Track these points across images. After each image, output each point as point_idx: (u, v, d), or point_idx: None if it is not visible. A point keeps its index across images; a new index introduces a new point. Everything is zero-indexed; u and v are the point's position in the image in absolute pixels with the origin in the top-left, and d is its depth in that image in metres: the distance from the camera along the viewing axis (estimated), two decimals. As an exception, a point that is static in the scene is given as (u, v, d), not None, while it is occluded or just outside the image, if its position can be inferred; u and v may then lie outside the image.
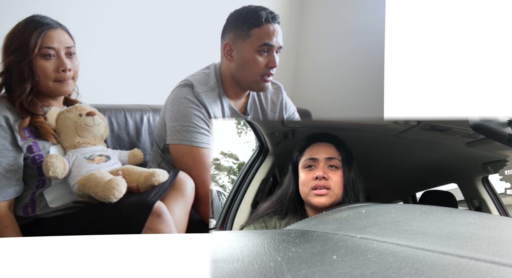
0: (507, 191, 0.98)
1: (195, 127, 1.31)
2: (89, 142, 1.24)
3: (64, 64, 1.21)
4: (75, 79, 1.27)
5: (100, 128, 1.26)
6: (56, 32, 1.22)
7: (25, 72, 1.19)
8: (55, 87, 1.23)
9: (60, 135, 1.23)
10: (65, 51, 1.23)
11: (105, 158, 1.24)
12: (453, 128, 1.02)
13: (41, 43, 1.19)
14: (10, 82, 1.22)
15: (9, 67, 1.21)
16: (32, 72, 1.20)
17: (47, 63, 1.20)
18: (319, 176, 0.97)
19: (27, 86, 1.20)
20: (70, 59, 1.23)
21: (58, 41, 1.22)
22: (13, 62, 1.20)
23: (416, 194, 1.23)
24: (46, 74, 1.20)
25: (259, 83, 1.36)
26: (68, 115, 1.24)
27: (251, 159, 1.19)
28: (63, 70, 1.21)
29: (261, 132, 1.16)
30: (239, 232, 0.88)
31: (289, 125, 1.24)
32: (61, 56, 1.22)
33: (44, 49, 1.20)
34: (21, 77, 1.20)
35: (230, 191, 1.15)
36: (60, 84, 1.23)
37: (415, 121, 1.02)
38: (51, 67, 1.21)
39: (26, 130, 1.19)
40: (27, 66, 1.19)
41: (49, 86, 1.22)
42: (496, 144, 0.97)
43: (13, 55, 1.20)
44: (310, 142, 1.03)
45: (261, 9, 1.34)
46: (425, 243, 0.48)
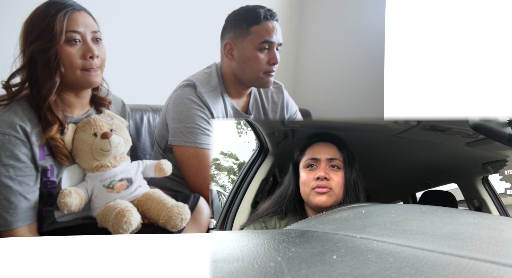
0: (507, 191, 0.98)
1: (199, 129, 1.31)
2: (108, 164, 1.11)
3: (91, 50, 1.06)
4: (102, 69, 1.11)
5: (118, 149, 1.11)
6: (81, 14, 1.07)
7: (52, 62, 1.03)
8: (83, 78, 1.07)
9: (76, 157, 1.10)
10: (91, 36, 1.07)
11: (126, 182, 1.12)
12: (453, 128, 1.02)
13: (66, 27, 1.03)
14: (35, 77, 1.05)
15: (32, 58, 1.04)
16: (58, 62, 1.03)
17: (73, 50, 1.04)
18: (320, 176, 0.97)
19: (57, 80, 1.04)
20: (96, 45, 1.08)
21: (84, 24, 1.06)
22: (37, 51, 1.03)
23: (416, 194, 1.23)
24: (72, 62, 1.04)
25: (263, 79, 1.37)
26: (82, 136, 1.09)
27: (251, 159, 1.19)
28: (90, 57, 1.06)
29: (261, 132, 1.16)
30: (239, 232, 0.88)
31: (289, 125, 1.25)
32: (87, 41, 1.06)
33: (69, 33, 1.04)
34: (48, 69, 1.03)
35: (230, 191, 1.15)
36: (87, 74, 1.07)
37: (415, 121, 1.02)
38: (77, 54, 1.05)
39: (45, 147, 1.05)
40: (54, 55, 1.02)
41: (76, 76, 1.06)
42: (496, 143, 0.97)
43: (36, 43, 1.03)
44: (311, 142, 1.03)
45: (259, 7, 1.35)
46: (425, 243, 0.48)
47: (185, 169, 1.32)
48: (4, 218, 1.01)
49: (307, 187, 0.98)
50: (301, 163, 1.02)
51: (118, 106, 1.27)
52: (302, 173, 1.00)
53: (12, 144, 1.00)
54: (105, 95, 1.21)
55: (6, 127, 1.01)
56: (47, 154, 1.05)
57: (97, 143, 1.08)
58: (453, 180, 1.16)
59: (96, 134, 1.09)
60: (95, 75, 1.08)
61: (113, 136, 1.10)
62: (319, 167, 0.99)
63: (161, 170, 1.18)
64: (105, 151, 1.09)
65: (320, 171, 0.98)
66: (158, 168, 1.18)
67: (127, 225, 1.01)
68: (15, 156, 1.01)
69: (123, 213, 1.02)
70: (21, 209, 1.02)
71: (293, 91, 2.48)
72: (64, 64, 1.04)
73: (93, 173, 1.10)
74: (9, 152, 1.00)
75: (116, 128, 1.13)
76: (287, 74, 2.44)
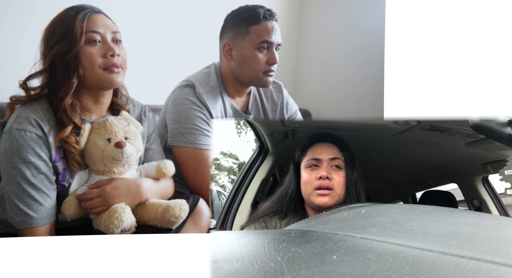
0: (507, 191, 0.98)
1: (198, 129, 1.31)
2: (115, 171, 1.10)
3: (112, 48, 1.05)
4: (125, 70, 1.10)
5: (129, 160, 1.10)
6: (100, 16, 1.08)
7: (71, 63, 1.03)
8: (104, 77, 1.06)
9: (86, 158, 1.08)
10: (112, 37, 1.07)
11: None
12: (453, 128, 1.02)
13: (86, 28, 1.04)
14: (54, 80, 1.05)
15: (53, 61, 1.04)
16: (77, 64, 1.03)
17: (93, 49, 1.04)
18: (322, 176, 0.97)
19: (74, 81, 1.04)
20: (117, 45, 1.08)
21: (103, 25, 1.07)
22: (57, 54, 1.03)
23: (416, 194, 1.23)
24: (93, 61, 1.04)
25: (262, 79, 1.37)
26: (95, 139, 1.07)
27: (251, 159, 1.19)
28: (111, 55, 1.05)
29: (261, 132, 1.16)
30: (239, 232, 0.88)
31: (289, 125, 1.25)
32: (107, 41, 1.06)
33: (89, 33, 1.04)
34: (66, 71, 1.03)
35: (230, 191, 1.15)
36: (109, 73, 1.06)
37: (415, 121, 1.02)
38: (98, 53, 1.05)
39: (60, 150, 1.04)
40: (73, 57, 1.03)
41: (97, 75, 1.05)
42: (496, 143, 0.97)
43: (57, 46, 1.03)
44: (313, 142, 1.03)
45: (259, 7, 1.35)
46: (425, 243, 0.48)
47: (184, 170, 1.32)
48: (29, 216, 1.00)
49: (309, 186, 0.98)
50: (302, 163, 1.02)
51: (138, 112, 1.25)
52: (304, 172, 1.00)
53: (34, 141, 1.00)
54: (125, 103, 1.20)
55: (27, 124, 1.01)
56: (62, 157, 1.05)
57: (110, 151, 1.06)
58: (453, 180, 1.16)
59: (110, 140, 1.07)
60: (117, 74, 1.07)
61: (127, 147, 1.07)
62: (321, 167, 0.99)
63: (162, 173, 1.15)
64: (116, 160, 1.07)
65: (322, 171, 0.98)
66: (159, 170, 1.15)
67: (118, 221, 1.00)
68: (37, 153, 1.00)
69: (115, 209, 1.02)
70: (45, 207, 1.02)
71: (293, 91, 2.48)
72: (84, 64, 1.04)
73: (98, 176, 1.10)
74: (31, 149, 1.00)
75: (131, 137, 1.10)
76: (287, 74, 2.44)
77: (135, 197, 1.09)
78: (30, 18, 1.57)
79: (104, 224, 1.02)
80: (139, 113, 1.24)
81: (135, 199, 1.09)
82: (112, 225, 1.00)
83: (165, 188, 1.16)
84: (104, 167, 1.08)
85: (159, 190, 1.14)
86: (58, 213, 1.08)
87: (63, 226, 1.10)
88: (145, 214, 1.09)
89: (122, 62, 1.08)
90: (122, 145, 1.06)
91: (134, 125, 1.14)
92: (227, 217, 1.10)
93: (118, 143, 1.06)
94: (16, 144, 1.00)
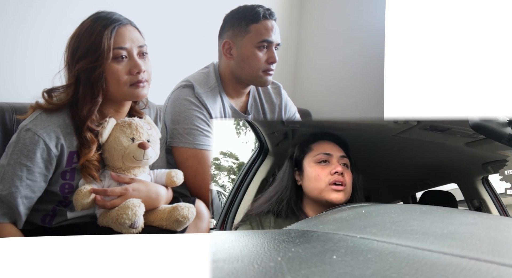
0: (507, 191, 0.98)
1: (197, 130, 1.31)
2: (131, 171, 1.10)
3: (138, 65, 1.04)
4: (149, 82, 1.10)
5: (148, 162, 1.11)
6: (127, 29, 1.06)
7: (96, 81, 1.02)
8: (130, 92, 1.06)
9: (105, 152, 1.08)
10: (138, 51, 1.06)
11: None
12: (453, 128, 1.02)
13: (113, 44, 1.02)
14: (77, 93, 1.03)
15: (78, 76, 1.03)
16: (102, 81, 1.02)
17: (119, 66, 1.03)
18: (338, 171, 0.94)
19: (99, 100, 1.04)
20: (142, 59, 1.07)
21: (130, 40, 1.05)
22: (83, 70, 1.02)
23: (416, 194, 1.23)
24: (119, 79, 1.03)
25: (262, 78, 1.36)
26: (119, 136, 1.07)
27: (251, 159, 1.19)
28: (137, 73, 1.05)
29: (261, 132, 1.16)
30: (239, 232, 0.88)
31: (289, 125, 1.25)
32: (133, 57, 1.05)
33: (116, 50, 1.03)
34: (90, 88, 1.02)
35: (230, 191, 1.15)
36: (135, 88, 1.06)
37: (415, 121, 1.02)
38: (124, 70, 1.04)
39: (74, 155, 1.04)
40: (100, 74, 1.01)
41: (123, 91, 1.05)
42: (496, 144, 0.97)
43: (83, 61, 1.01)
44: (315, 139, 1.02)
45: (258, 6, 1.36)
46: (425, 243, 0.48)
47: (184, 170, 1.31)
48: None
49: (322, 182, 0.95)
50: (307, 158, 1.00)
51: (153, 116, 1.26)
52: (312, 168, 0.98)
53: (39, 147, 1.00)
54: (142, 108, 1.21)
55: (40, 128, 1.01)
56: (76, 161, 1.04)
57: (132, 150, 1.07)
58: (453, 180, 1.16)
59: (133, 140, 1.08)
60: (142, 88, 1.07)
61: (149, 149, 1.08)
62: (332, 163, 0.97)
63: (172, 181, 1.15)
64: (137, 160, 1.08)
65: (336, 166, 0.95)
66: (170, 179, 1.15)
67: (132, 213, 1.00)
68: (37, 160, 1.00)
69: (132, 202, 1.02)
70: (13, 210, 1.01)
71: (292, 91, 2.48)
72: (110, 81, 1.03)
73: (112, 172, 1.10)
74: (32, 153, 0.99)
75: (152, 140, 1.12)
76: (287, 75, 2.44)
77: (152, 203, 1.09)
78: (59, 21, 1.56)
79: (116, 214, 1.01)
80: (154, 117, 1.26)
81: (152, 205, 1.09)
82: (125, 215, 1.00)
83: (170, 196, 1.17)
84: (121, 165, 1.08)
85: (168, 199, 1.16)
86: (67, 211, 1.09)
87: (70, 222, 1.10)
88: (152, 215, 1.09)
89: (147, 76, 1.08)
90: (145, 146, 1.07)
91: (155, 131, 1.15)
92: (227, 217, 1.10)
93: (142, 143, 1.07)
94: (22, 144, 1.00)
